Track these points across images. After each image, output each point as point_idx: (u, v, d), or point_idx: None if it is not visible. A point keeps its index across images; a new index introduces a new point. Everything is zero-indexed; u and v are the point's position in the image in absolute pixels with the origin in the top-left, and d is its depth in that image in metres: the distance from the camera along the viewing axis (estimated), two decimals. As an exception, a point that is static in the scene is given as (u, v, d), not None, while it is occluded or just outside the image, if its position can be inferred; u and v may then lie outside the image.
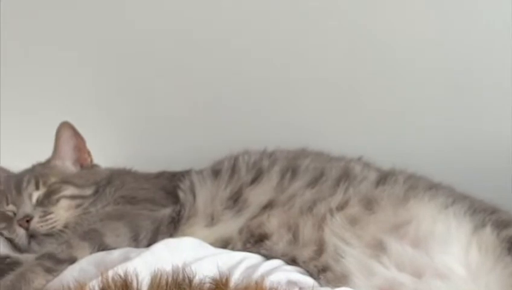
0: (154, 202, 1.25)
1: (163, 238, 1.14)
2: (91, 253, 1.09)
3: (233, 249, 1.16)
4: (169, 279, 0.78)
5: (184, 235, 1.16)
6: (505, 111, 1.37)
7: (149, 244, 1.13)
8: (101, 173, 1.35)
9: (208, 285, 0.79)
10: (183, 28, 1.49)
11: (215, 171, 1.27)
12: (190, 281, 0.80)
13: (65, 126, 1.31)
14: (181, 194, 1.26)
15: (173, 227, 1.20)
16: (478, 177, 1.28)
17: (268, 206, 1.20)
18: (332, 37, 1.45)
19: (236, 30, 1.49)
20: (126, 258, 1.03)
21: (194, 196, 1.24)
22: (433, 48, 1.40)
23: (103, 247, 1.11)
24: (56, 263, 1.06)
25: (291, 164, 1.26)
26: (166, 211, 1.22)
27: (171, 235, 1.18)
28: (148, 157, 1.44)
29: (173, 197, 1.26)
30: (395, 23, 1.40)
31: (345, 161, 1.28)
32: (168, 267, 0.82)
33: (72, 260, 1.07)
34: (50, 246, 1.12)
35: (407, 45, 1.41)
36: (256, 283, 0.80)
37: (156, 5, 1.48)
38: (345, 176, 1.22)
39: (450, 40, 1.38)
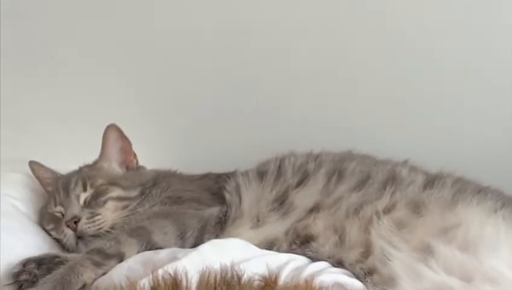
0: (200, 202, 1.26)
1: (209, 237, 1.16)
2: (139, 250, 1.11)
3: (278, 250, 1.16)
4: (218, 277, 0.78)
5: (230, 236, 1.17)
6: None
7: (195, 243, 1.15)
8: (147, 174, 1.36)
9: (257, 283, 0.79)
10: (228, 28, 1.51)
11: (261, 173, 1.28)
12: (239, 278, 0.79)
13: (112, 128, 1.32)
14: (227, 196, 1.26)
15: (219, 227, 1.21)
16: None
17: (315, 209, 1.20)
18: (380, 39, 1.45)
19: (276, 31, 1.49)
20: (173, 258, 1.04)
21: (240, 198, 1.24)
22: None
23: (151, 244, 1.13)
24: (104, 257, 1.09)
25: (337, 167, 1.25)
26: (213, 211, 1.23)
27: (217, 236, 1.18)
28: (192, 160, 1.45)
29: (219, 198, 1.27)
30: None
31: (391, 164, 1.27)
32: (216, 266, 0.81)
33: (120, 256, 1.09)
34: (99, 243, 1.14)
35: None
36: (306, 281, 0.79)
37: (200, 8, 1.49)
38: (392, 179, 1.21)
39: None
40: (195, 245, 1.12)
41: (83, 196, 1.28)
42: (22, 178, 1.38)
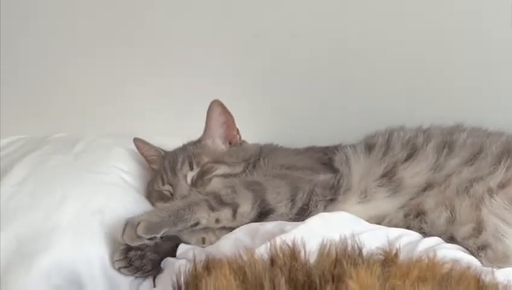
0: (313, 169, 1.25)
1: (317, 203, 1.16)
2: (252, 206, 1.13)
3: (389, 225, 1.13)
4: (338, 249, 0.76)
5: (337, 210, 1.15)
6: None
7: (302, 206, 1.16)
8: (250, 149, 1.36)
9: (377, 256, 0.76)
10: (323, 9, 1.48)
11: (369, 146, 1.25)
12: (360, 251, 0.78)
13: (215, 104, 1.32)
14: (338, 165, 1.24)
15: (331, 195, 1.19)
16: None
17: (426, 187, 1.17)
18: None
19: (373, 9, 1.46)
20: (281, 230, 1.04)
21: (349, 170, 1.22)
22: None
23: (264, 202, 1.14)
24: (219, 203, 1.12)
25: (447, 140, 1.21)
26: (326, 178, 1.21)
27: (325, 208, 1.17)
28: (283, 137, 1.44)
29: (330, 167, 1.25)
30: None
31: (506, 136, 1.22)
32: (336, 238, 0.79)
33: (234, 206, 1.12)
34: (217, 187, 1.18)
35: None
36: (428, 257, 0.76)
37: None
38: (507, 152, 1.16)
39: None
40: (301, 209, 1.14)
41: (190, 175, 1.29)
42: (129, 153, 1.41)
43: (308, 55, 1.52)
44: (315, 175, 1.22)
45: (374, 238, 0.93)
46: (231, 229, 1.13)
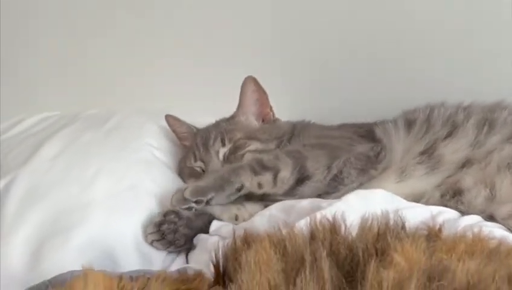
0: (352, 139, 1.24)
1: (350, 171, 1.16)
2: (292, 172, 1.15)
3: (427, 203, 1.11)
4: (381, 223, 0.74)
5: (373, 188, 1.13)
6: None
7: (336, 173, 1.16)
8: (283, 126, 1.35)
9: (421, 231, 0.74)
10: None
11: (409, 122, 1.22)
12: (403, 225, 0.76)
13: (249, 80, 1.31)
14: (380, 138, 1.22)
15: (367, 165, 1.17)
16: None
17: (465, 164, 1.14)
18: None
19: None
20: (318, 207, 1.03)
21: (391, 146, 1.20)
22: None
23: (303, 169, 1.15)
24: (262, 167, 1.15)
25: (487, 117, 1.19)
26: (364, 148, 1.20)
27: (360, 184, 1.16)
28: (322, 116, 1.42)
29: (367, 139, 1.23)
30: None
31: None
32: (378, 212, 0.77)
33: (276, 170, 1.14)
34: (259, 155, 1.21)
35: None
36: (473, 232, 0.74)
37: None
38: None
39: None
40: (335, 176, 1.15)
41: (222, 151, 1.28)
42: (161, 129, 1.40)
43: (344, 30, 1.51)
44: (353, 145, 1.21)
45: (415, 215, 0.91)
46: (264, 206, 1.13)
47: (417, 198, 1.13)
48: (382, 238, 0.72)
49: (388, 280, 0.62)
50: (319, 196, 1.15)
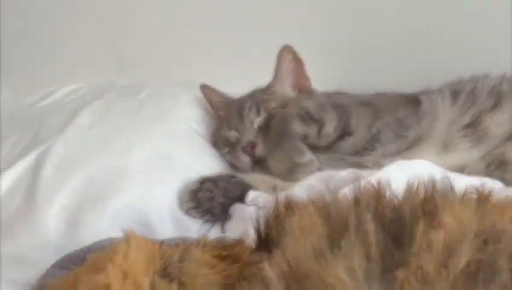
0: (397, 103, 1.22)
1: (389, 130, 1.15)
2: (335, 126, 1.16)
3: (470, 174, 1.08)
4: (427, 187, 0.72)
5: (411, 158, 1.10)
6: None
7: (375, 133, 1.15)
8: (320, 97, 1.32)
9: (469, 195, 0.72)
10: None
11: (455, 93, 1.19)
12: (451, 188, 0.73)
13: (286, 50, 1.29)
14: (424, 108, 1.19)
15: (406, 130, 1.15)
16: None
17: (510, 137, 1.12)
18: None
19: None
20: (357, 177, 1.00)
21: (435, 117, 1.17)
22: None
23: (346, 126, 1.16)
24: (308, 116, 1.17)
25: None
26: (408, 112, 1.18)
27: (397, 151, 1.14)
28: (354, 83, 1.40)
29: (414, 105, 1.21)
30: None
31: None
32: (424, 177, 0.75)
33: (321, 122, 1.16)
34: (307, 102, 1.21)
35: None
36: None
37: None
38: None
39: None
40: (373, 136, 1.15)
41: (257, 121, 1.27)
42: (196, 100, 1.39)
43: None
44: (397, 109, 1.19)
45: (462, 183, 0.88)
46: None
47: (459, 170, 1.10)
48: (429, 200, 0.69)
49: (439, 242, 0.60)
50: (356, 153, 1.14)
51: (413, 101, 1.22)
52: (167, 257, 0.69)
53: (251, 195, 1.12)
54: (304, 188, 1.05)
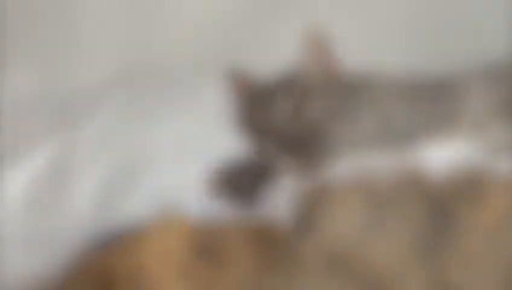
0: (428, 88, 1.19)
1: (420, 116, 1.10)
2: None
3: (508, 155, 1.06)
4: (469, 168, 0.71)
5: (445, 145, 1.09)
6: None
7: (412, 117, 1.08)
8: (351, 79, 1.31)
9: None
10: None
11: (489, 75, 1.17)
12: (493, 169, 0.72)
13: (317, 31, 1.28)
14: (457, 93, 1.17)
15: (443, 113, 1.14)
16: None
17: None
18: None
19: None
20: (397, 160, 0.99)
21: (469, 101, 1.15)
22: None
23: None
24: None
25: None
26: (440, 96, 1.16)
27: (429, 136, 1.11)
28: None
29: (446, 90, 1.19)
30: None
31: None
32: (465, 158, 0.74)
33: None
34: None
35: None
36: None
37: None
38: None
39: None
40: (408, 121, 1.07)
41: (286, 107, 1.25)
42: (225, 82, 1.38)
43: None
44: (429, 93, 1.17)
45: (501, 163, 0.86)
46: None
47: (498, 151, 1.08)
48: (472, 181, 0.68)
49: (484, 224, 0.59)
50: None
51: (445, 84, 1.20)
52: (203, 237, 0.69)
53: (283, 176, 1.11)
54: (343, 168, 1.04)
